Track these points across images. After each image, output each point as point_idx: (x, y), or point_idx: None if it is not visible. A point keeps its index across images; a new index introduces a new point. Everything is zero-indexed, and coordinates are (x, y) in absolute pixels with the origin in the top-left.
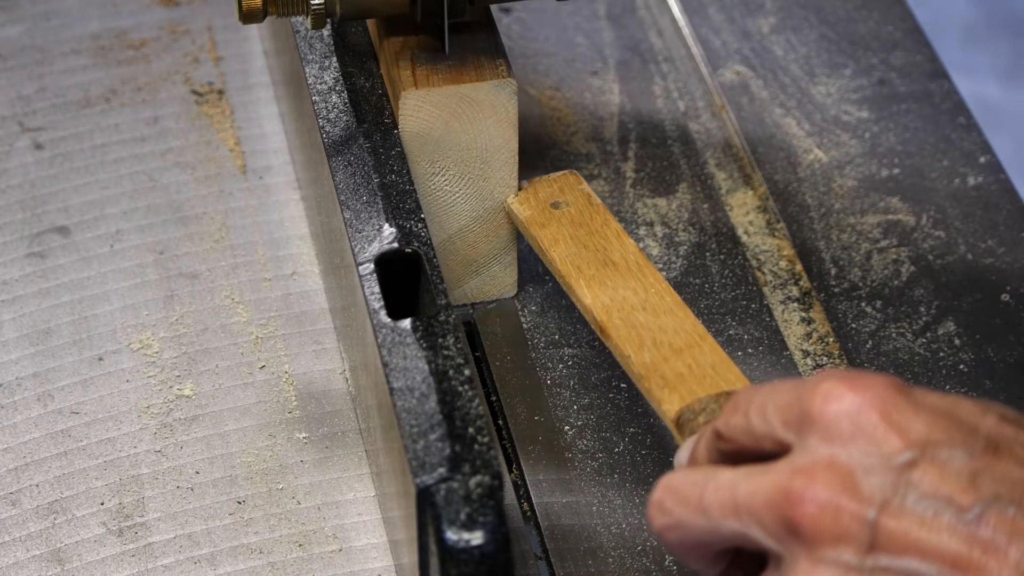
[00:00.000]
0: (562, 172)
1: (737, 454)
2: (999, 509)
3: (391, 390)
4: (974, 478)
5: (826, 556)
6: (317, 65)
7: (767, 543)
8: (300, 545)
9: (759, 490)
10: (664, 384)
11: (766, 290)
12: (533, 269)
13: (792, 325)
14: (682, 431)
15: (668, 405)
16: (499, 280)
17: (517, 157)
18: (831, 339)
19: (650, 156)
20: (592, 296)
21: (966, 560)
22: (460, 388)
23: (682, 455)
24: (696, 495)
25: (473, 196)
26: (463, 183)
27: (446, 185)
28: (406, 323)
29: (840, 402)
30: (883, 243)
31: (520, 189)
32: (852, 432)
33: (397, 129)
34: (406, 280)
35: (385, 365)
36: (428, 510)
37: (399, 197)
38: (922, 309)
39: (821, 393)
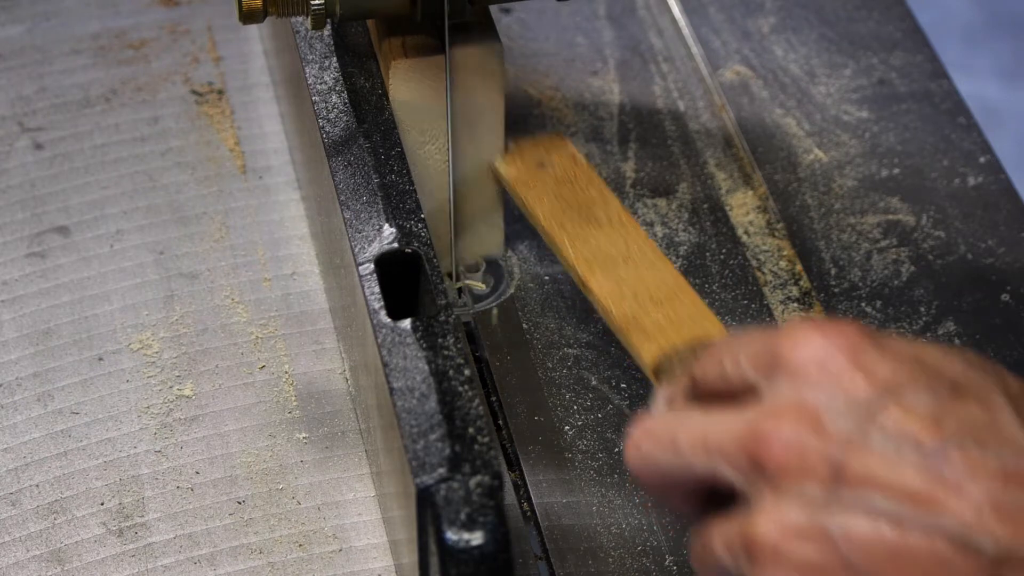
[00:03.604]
0: (548, 133)
1: (712, 400)
2: (961, 448)
3: (391, 390)
4: (938, 419)
5: (791, 491)
6: (317, 65)
7: (736, 481)
8: (300, 545)
9: (729, 430)
10: (643, 335)
11: (766, 290)
12: (532, 270)
13: None
14: (659, 379)
15: (647, 355)
16: (486, 239)
17: (503, 119)
18: None
19: (650, 156)
20: (575, 251)
21: (927, 496)
22: (460, 388)
23: (659, 401)
24: (670, 436)
25: (461, 159)
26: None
27: (436, 154)
28: (406, 323)
29: (809, 347)
30: (883, 243)
31: (506, 150)
32: (820, 375)
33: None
34: (406, 280)
35: (385, 365)
36: (428, 510)
37: (399, 197)
38: (922, 309)
39: (791, 338)
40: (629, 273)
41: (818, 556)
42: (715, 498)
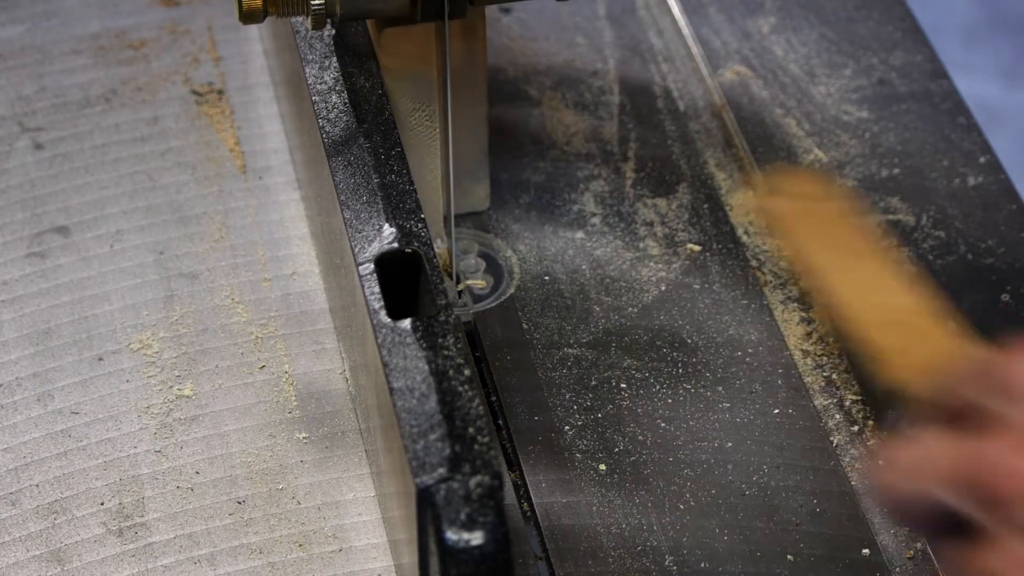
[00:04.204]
0: (811, 171)
1: (955, 425)
2: None
3: (391, 390)
4: None
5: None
6: (317, 65)
7: (975, 513)
8: (300, 545)
9: (965, 459)
10: (892, 356)
11: (766, 290)
12: (532, 270)
13: (792, 325)
14: (901, 400)
15: (892, 375)
16: (472, 194)
17: (486, 75)
18: (831, 339)
19: (650, 156)
20: (836, 285)
21: None
22: (460, 388)
23: (901, 426)
24: (911, 464)
25: (450, 120)
26: (440, 113)
27: (426, 120)
28: (406, 323)
29: None
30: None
31: (766, 182)
32: None
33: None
34: (406, 280)
35: (385, 365)
36: (428, 510)
37: (399, 197)
38: None
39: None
40: (880, 299)
41: None
42: (954, 521)
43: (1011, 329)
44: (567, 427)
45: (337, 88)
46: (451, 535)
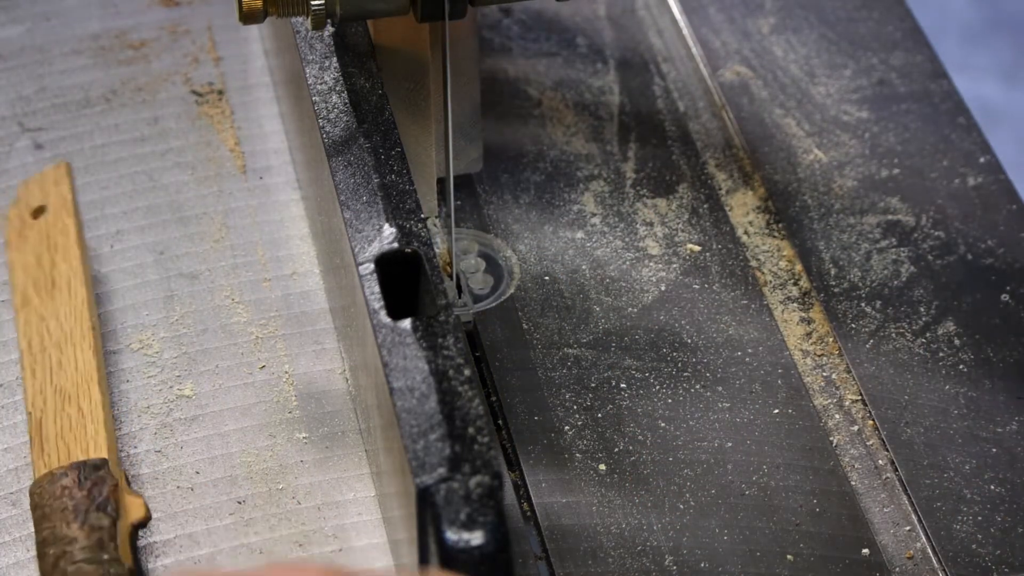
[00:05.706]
0: (52, 167)
1: None
2: None
3: (391, 390)
4: None
5: None
6: (317, 65)
7: None
8: (300, 545)
9: None
10: (42, 449)
11: (766, 290)
12: (532, 270)
13: (792, 325)
14: (33, 508)
15: (37, 472)
16: (465, 153)
17: (477, 30)
18: (831, 339)
19: (650, 156)
20: (25, 324)
21: None
22: (460, 388)
23: None
24: None
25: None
26: (437, 90)
27: (421, 101)
28: (406, 323)
29: None
30: (883, 243)
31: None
32: None
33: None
34: (406, 280)
35: (385, 365)
36: (428, 510)
37: (399, 197)
38: (922, 309)
39: None
40: (57, 355)
41: None
42: None
43: (1011, 329)
44: (567, 427)
45: (337, 88)
46: (451, 535)
